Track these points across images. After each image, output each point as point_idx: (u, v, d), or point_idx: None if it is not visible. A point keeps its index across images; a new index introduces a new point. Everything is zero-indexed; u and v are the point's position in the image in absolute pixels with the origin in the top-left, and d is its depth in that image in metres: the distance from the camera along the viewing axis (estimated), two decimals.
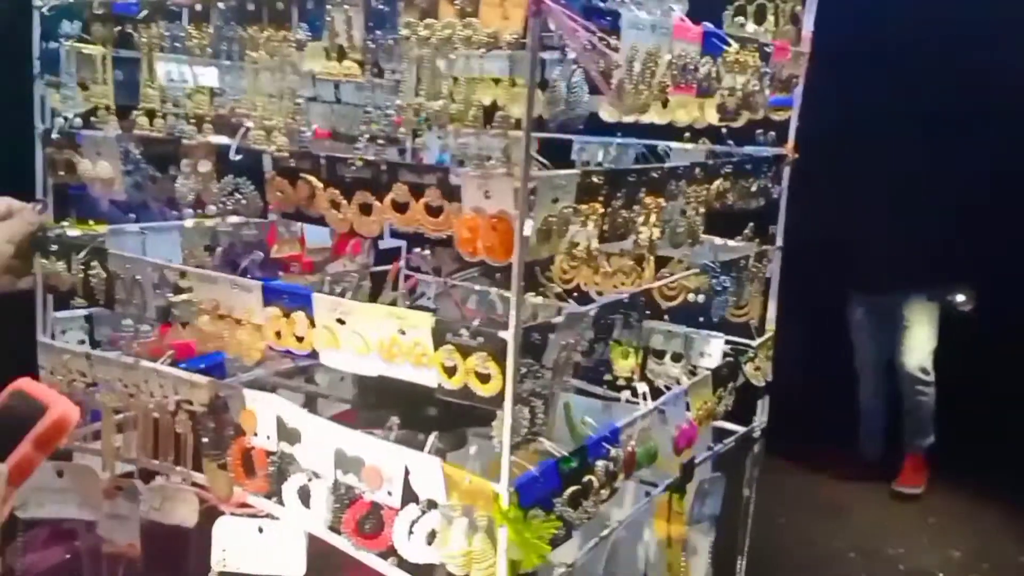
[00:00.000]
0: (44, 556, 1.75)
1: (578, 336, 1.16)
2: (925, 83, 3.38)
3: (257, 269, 1.83)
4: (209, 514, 1.44)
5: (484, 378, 1.04)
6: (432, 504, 1.12)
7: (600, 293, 1.85)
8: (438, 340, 1.07)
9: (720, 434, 1.83)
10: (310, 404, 1.81)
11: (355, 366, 1.14)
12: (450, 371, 1.07)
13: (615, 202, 1.16)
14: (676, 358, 1.91)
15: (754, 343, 1.80)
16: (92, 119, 1.40)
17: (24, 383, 0.72)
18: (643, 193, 1.23)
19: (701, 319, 1.75)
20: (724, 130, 1.62)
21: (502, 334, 1.01)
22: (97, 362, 1.41)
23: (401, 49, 1.02)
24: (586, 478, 1.20)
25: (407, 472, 1.13)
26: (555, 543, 1.11)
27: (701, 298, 1.65)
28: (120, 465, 1.48)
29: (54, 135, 1.39)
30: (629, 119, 1.29)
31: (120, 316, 1.49)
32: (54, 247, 1.42)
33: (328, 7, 1.06)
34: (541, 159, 1.01)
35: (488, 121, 1.01)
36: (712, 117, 1.45)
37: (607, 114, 1.17)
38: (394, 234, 1.18)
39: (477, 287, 1.98)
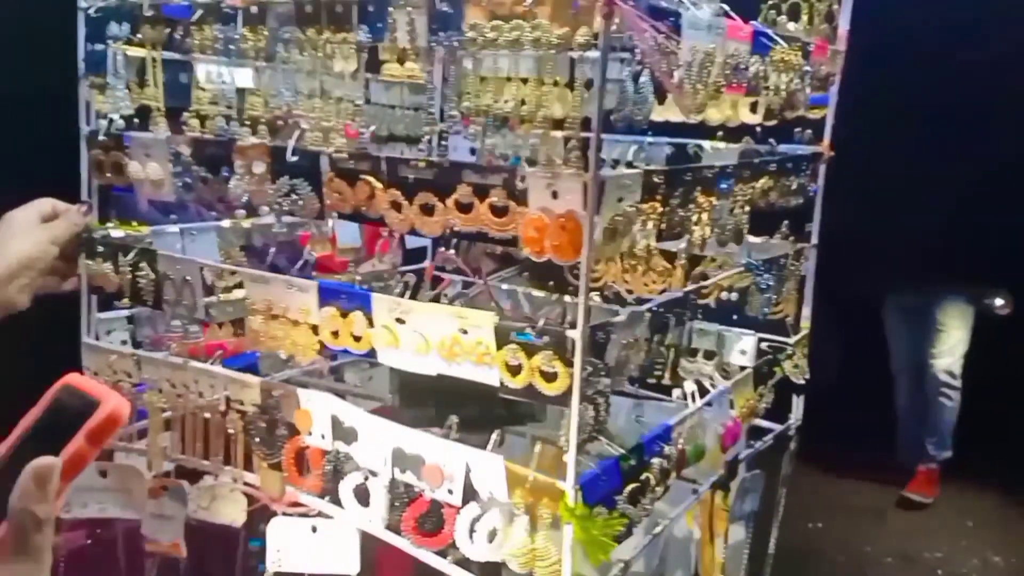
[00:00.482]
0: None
1: (637, 335, 1.16)
2: (963, 78, 3.36)
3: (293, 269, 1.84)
4: (253, 515, 1.45)
5: (550, 377, 1.05)
6: (494, 502, 1.13)
7: (629, 291, 1.86)
8: (502, 339, 1.07)
9: (753, 432, 1.84)
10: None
11: (415, 365, 1.14)
12: (514, 370, 1.07)
13: (673, 201, 1.17)
14: (708, 356, 1.92)
15: (791, 340, 1.80)
16: (135, 120, 1.40)
17: (73, 378, 0.70)
18: (698, 192, 1.23)
19: (735, 316, 1.76)
20: (758, 128, 1.63)
21: (570, 333, 1.02)
22: (145, 363, 1.41)
23: (466, 51, 1.02)
24: (644, 475, 1.21)
25: (468, 470, 1.14)
26: (618, 540, 1.12)
27: (734, 296, 1.66)
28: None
29: (100, 137, 1.39)
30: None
31: (163, 316, 1.50)
32: (100, 248, 1.42)
33: (390, 9, 1.06)
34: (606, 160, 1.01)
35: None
36: (745, 116, 1.46)
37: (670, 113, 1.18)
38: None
39: (505, 286, 1.99)
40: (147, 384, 1.43)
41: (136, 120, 1.40)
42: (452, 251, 1.80)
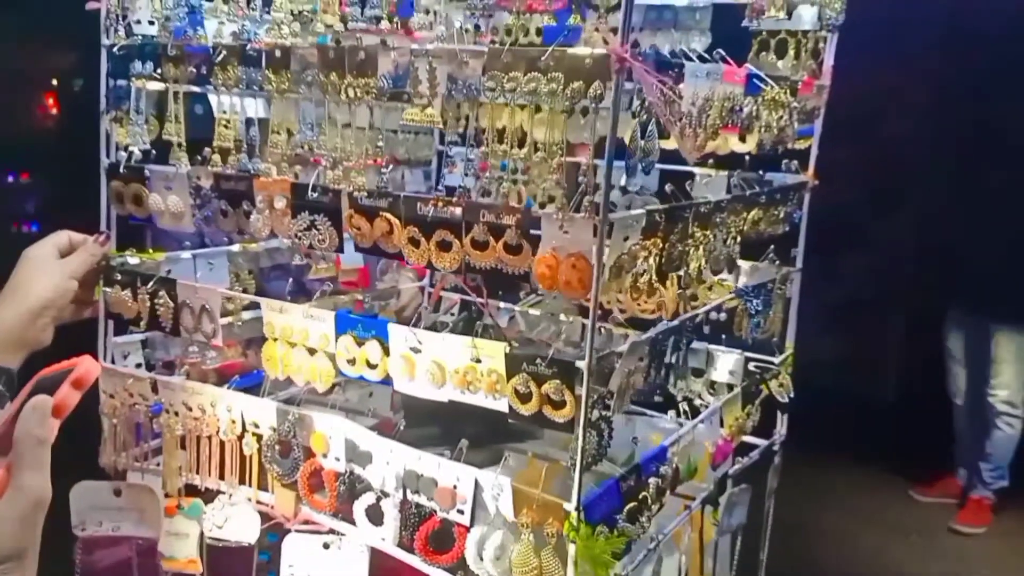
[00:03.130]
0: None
1: (638, 363, 1.24)
2: None
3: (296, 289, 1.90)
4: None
5: (558, 404, 1.12)
6: (502, 521, 1.19)
7: (623, 311, 1.94)
8: (512, 368, 1.14)
9: (740, 447, 1.92)
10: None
11: (430, 393, 1.21)
12: (523, 398, 1.14)
13: (672, 236, 1.24)
14: (697, 373, 2.01)
15: (776, 360, 1.89)
16: (153, 153, 1.46)
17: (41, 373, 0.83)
18: (694, 226, 1.31)
19: (723, 336, 1.85)
20: (747, 157, 1.72)
21: (579, 363, 1.09)
22: (162, 386, 1.46)
23: (484, 100, 1.09)
24: (641, 495, 1.29)
25: (477, 490, 1.20)
26: (618, 557, 1.19)
27: (723, 316, 1.75)
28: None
29: (122, 169, 1.45)
30: None
31: (176, 339, 1.55)
32: (119, 276, 1.47)
33: (412, 58, 1.13)
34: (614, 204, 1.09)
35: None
36: (735, 145, 1.54)
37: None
38: None
39: (503, 305, 2.06)
40: (161, 406, 1.48)
41: (154, 153, 1.46)
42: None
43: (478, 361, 1.16)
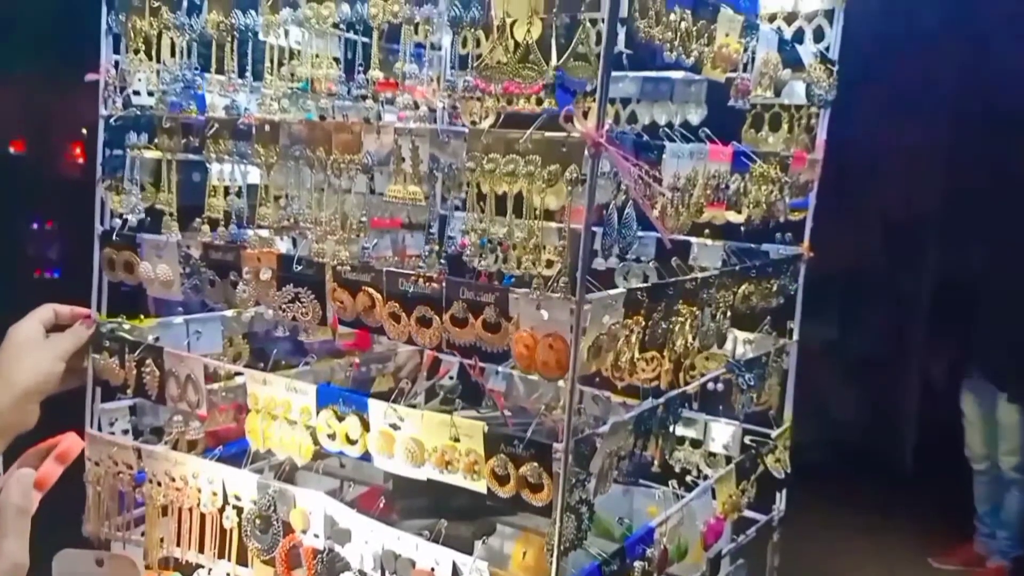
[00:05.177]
0: None
1: (622, 443, 1.21)
2: None
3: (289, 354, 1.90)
4: None
5: (536, 488, 1.10)
6: None
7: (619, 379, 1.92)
8: (491, 449, 1.12)
9: (738, 521, 1.88)
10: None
11: (408, 471, 1.19)
12: (501, 480, 1.12)
13: (655, 315, 1.23)
14: (695, 444, 1.97)
15: (773, 433, 1.85)
16: (147, 220, 1.47)
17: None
18: (680, 304, 1.30)
19: (720, 407, 1.82)
20: (743, 228, 1.71)
21: (556, 446, 1.07)
22: (145, 455, 1.45)
23: (465, 177, 1.09)
24: None
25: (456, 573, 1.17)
26: None
27: (720, 387, 1.72)
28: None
29: (114, 237, 1.46)
30: None
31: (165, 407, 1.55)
32: (107, 343, 1.47)
33: (396, 136, 1.14)
34: (593, 283, 1.09)
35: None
36: (731, 216, 1.54)
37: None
38: None
39: (501, 368, 2.04)
40: (145, 474, 1.47)
41: (148, 219, 1.48)
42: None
43: (456, 440, 1.14)
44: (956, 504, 4.08)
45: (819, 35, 1.76)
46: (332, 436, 1.26)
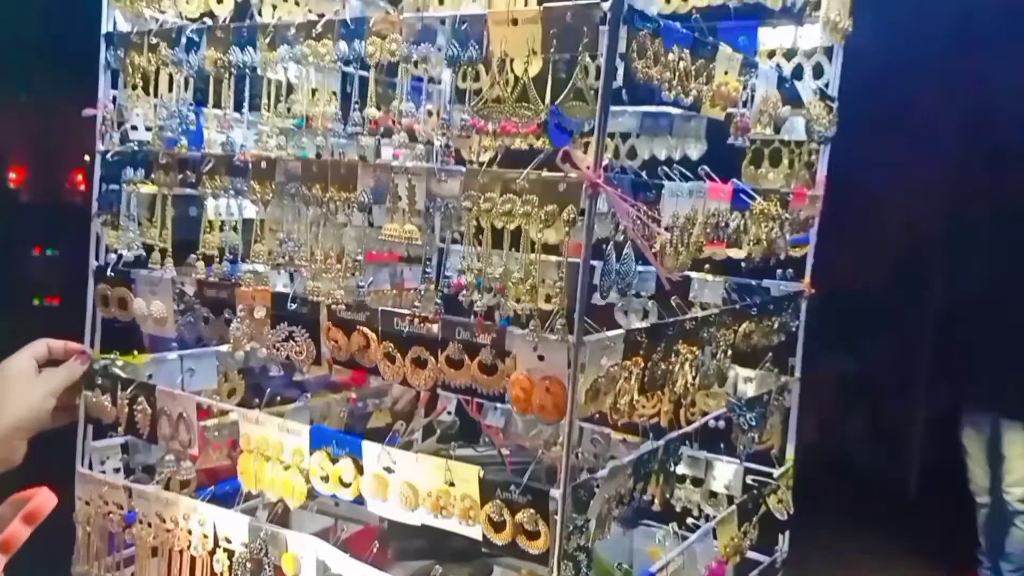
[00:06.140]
0: None
1: (620, 486, 1.19)
2: None
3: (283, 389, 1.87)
4: None
5: (532, 535, 1.07)
6: None
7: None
8: (486, 494, 1.10)
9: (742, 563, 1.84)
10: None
11: (403, 515, 1.16)
12: (497, 526, 1.09)
13: (655, 355, 1.21)
14: (696, 483, 1.94)
15: (775, 472, 1.82)
16: (142, 255, 1.46)
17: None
18: (680, 343, 1.28)
19: (722, 445, 1.79)
20: (743, 264, 1.70)
21: (553, 492, 1.04)
22: (136, 495, 1.43)
23: (461, 216, 1.08)
24: None
25: None
26: None
27: (722, 424, 1.70)
28: None
29: (109, 272, 1.45)
30: None
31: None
32: (100, 380, 1.45)
33: (392, 174, 1.13)
34: (592, 324, 1.07)
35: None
36: (732, 251, 1.53)
37: None
38: None
39: (500, 404, 2.02)
40: (135, 513, 1.44)
41: (145, 254, 1.46)
42: None
43: (451, 484, 1.12)
44: (960, 538, 4.03)
45: (819, 72, 1.76)
46: (325, 478, 1.23)
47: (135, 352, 1.56)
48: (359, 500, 1.21)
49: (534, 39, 1.03)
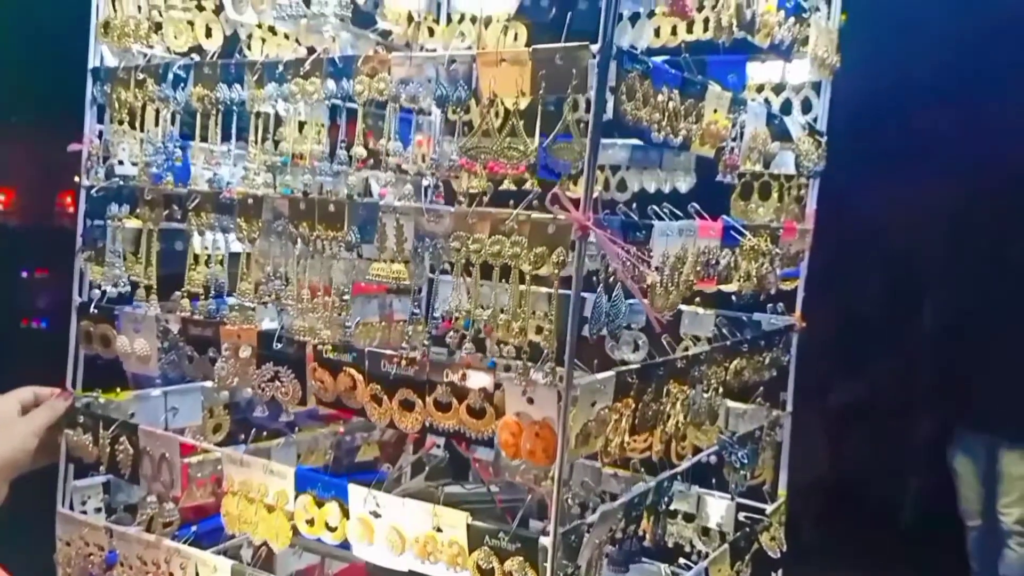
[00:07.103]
0: None
1: (611, 531, 1.17)
2: None
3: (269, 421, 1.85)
4: None
5: None
6: None
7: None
8: (475, 541, 1.08)
9: None
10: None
11: (389, 561, 1.14)
12: (486, 574, 1.07)
13: (646, 396, 1.20)
14: (688, 518, 1.92)
15: (768, 508, 1.80)
16: (129, 290, 1.44)
17: None
18: (670, 383, 1.27)
19: (714, 480, 1.77)
20: (734, 298, 1.69)
21: (543, 540, 1.02)
22: (117, 537, 1.40)
23: (449, 257, 1.07)
24: None
25: None
26: None
27: (713, 459, 1.68)
28: None
29: (92, 309, 1.43)
30: None
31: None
32: (81, 419, 1.43)
33: (380, 214, 1.12)
34: (581, 366, 1.05)
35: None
36: (722, 284, 1.52)
37: None
38: None
39: None
40: (117, 554, 1.41)
41: (130, 289, 1.44)
42: None
43: (439, 530, 1.10)
44: (953, 567, 4.00)
45: (807, 107, 1.76)
46: (311, 522, 1.20)
47: (118, 389, 1.54)
48: (345, 545, 1.18)
49: (523, 79, 1.03)
